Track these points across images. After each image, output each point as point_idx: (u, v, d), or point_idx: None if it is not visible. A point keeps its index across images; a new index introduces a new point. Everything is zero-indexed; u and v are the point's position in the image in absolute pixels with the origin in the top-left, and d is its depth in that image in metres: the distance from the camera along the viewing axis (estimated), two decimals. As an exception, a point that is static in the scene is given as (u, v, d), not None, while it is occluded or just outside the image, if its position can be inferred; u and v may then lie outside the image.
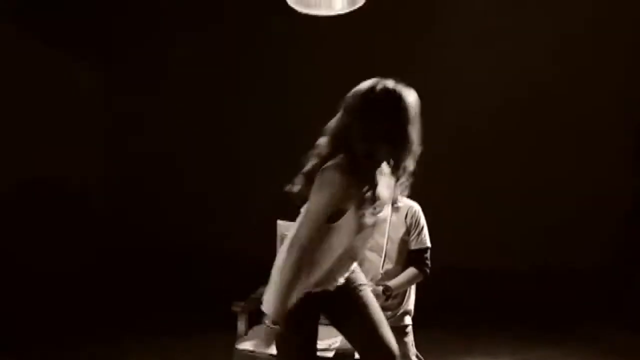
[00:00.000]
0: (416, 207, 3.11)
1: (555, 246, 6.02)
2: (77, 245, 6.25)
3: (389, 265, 3.03)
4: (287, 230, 3.07)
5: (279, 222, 3.14)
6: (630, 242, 5.93)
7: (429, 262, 3.06)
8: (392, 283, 2.94)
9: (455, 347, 4.45)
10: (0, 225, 5.49)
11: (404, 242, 3.06)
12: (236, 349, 2.75)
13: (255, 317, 2.91)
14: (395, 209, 3.07)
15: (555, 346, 4.62)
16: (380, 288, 2.90)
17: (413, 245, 3.06)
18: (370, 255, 3.03)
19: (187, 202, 6.70)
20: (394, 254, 3.04)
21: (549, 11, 6.04)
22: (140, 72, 6.70)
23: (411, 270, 3.01)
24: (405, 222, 3.07)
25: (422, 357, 3.11)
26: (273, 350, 2.29)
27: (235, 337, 2.87)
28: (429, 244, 3.08)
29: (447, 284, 3.35)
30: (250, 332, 2.88)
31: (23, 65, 5.85)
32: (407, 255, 3.06)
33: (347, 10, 2.88)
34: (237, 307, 2.86)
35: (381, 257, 3.03)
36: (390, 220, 3.04)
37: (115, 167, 6.82)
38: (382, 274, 3.01)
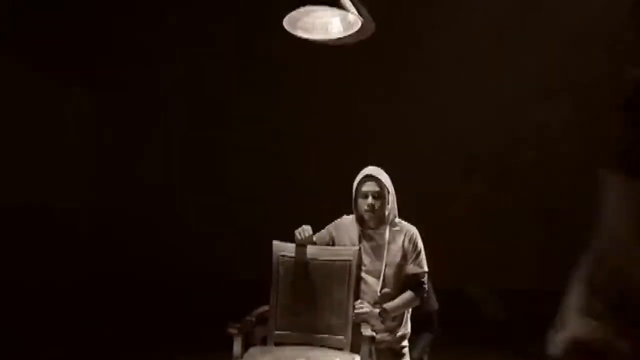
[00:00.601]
0: (414, 230, 3.11)
1: (551, 269, 6.06)
2: (67, 268, 6.22)
3: (386, 289, 3.03)
4: (283, 250, 3.09)
5: (275, 242, 3.12)
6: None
7: (425, 286, 3.06)
8: (389, 306, 2.95)
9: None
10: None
11: (400, 266, 3.06)
12: (231, 372, 2.72)
13: (249, 338, 2.91)
14: (394, 232, 3.08)
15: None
16: (377, 310, 2.90)
17: (410, 270, 3.06)
18: (367, 278, 3.03)
19: (176, 226, 6.70)
20: (391, 277, 3.04)
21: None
22: (131, 99, 6.77)
23: (408, 294, 3.02)
24: (403, 246, 3.06)
25: None
26: None
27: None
28: (426, 268, 3.08)
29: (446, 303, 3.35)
30: (246, 354, 2.85)
31: (13, 91, 5.86)
32: (405, 279, 3.06)
33: (343, 35, 2.85)
34: (233, 329, 2.82)
35: (379, 280, 3.02)
36: (388, 243, 3.04)
37: (104, 193, 6.82)
38: (379, 296, 3.00)
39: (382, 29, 2.80)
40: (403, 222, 3.11)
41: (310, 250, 3.10)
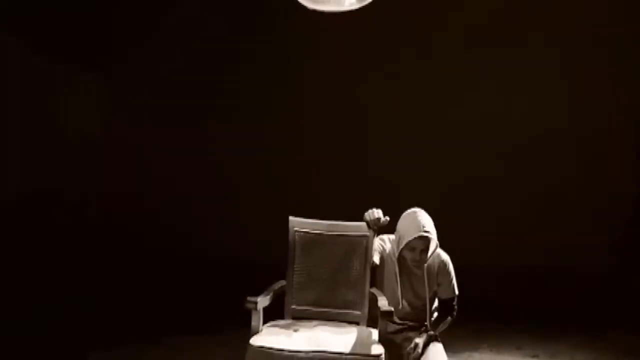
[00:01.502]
0: (445, 258, 3.13)
1: (561, 248, 6.11)
2: (77, 252, 6.25)
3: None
4: (299, 225, 3.10)
5: (291, 218, 3.13)
6: (630, 245, 6.03)
7: (456, 307, 3.15)
8: (437, 330, 3.10)
9: (462, 343, 4.46)
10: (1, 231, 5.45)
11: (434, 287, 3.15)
12: (250, 345, 2.73)
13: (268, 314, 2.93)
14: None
15: (561, 342, 4.66)
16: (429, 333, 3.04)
17: (444, 295, 3.13)
18: (413, 302, 3.13)
19: (183, 209, 6.72)
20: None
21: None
22: (140, 81, 6.74)
23: (448, 319, 3.15)
24: (437, 272, 3.09)
25: None
26: None
27: (248, 334, 2.84)
28: (457, 292, 3.14)
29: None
30: (264, 328, 2.87)
31: (22, 74, 5.82)
32: (439, 301, 3.17)
33: (356, 7, 2.84)
34: (250, 304, 2.83)
35: (425, 307, 3.11)
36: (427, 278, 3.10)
37: (112, 177, 6.82)
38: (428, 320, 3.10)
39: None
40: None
41: (326, 225, 3.12)
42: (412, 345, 2.94)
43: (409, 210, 3.06)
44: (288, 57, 6.61)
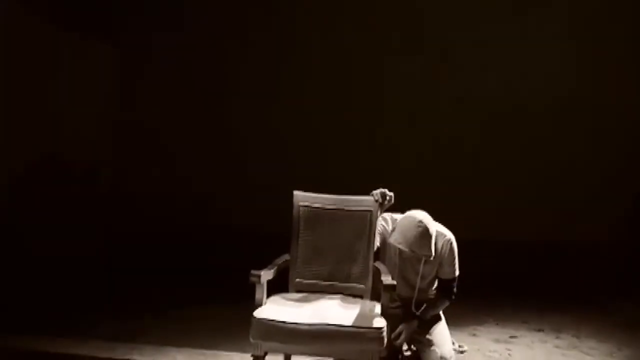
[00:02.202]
0: (450, 237, 3.11)
1: (570, 223, 6.10)
2: (87, 226, 6.31)
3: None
4: (304, 200, 3.10)
5: (295, 192, 3.13)
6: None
7: (455, 289, 3.14)
8: (424, 315, 3.08)
9: (467, 317, 4.49)
10: (11, 202, 5.50)
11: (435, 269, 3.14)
12: (254, 317, 2.75)
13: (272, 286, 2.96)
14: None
15: (566, 315, 4.68)
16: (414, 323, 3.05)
17: (444, 275, 3.12)
18: (407, 278, 3.14)
19: (193, 185, 6.77)
20: (426, 279, 3.16)
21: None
22: (154, 59, 6.77)
23: (441, 301, 3.15)
24: (441, 252, 3.07)
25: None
26: None
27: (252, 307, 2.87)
28: (457, 273, 3.12)
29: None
30: (268, 301, 2.89)
31: (38, 47, 5.83)
32: (438, 281, 3.16)
33: None
34: (254, 277, 2.85)
35: (414, 290, 3.12)
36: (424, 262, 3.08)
37: (124, 151, 6.86)
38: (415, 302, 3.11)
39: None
40: (440, 228, 3.10)
41: (331, 199, 3.12)
42: (397, 331, 2.99)
43: (415, 217, 2.95)
44: (298, 25, 6.56)
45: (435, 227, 3.01)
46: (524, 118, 6.34)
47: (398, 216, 3.11)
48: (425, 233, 2.90)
